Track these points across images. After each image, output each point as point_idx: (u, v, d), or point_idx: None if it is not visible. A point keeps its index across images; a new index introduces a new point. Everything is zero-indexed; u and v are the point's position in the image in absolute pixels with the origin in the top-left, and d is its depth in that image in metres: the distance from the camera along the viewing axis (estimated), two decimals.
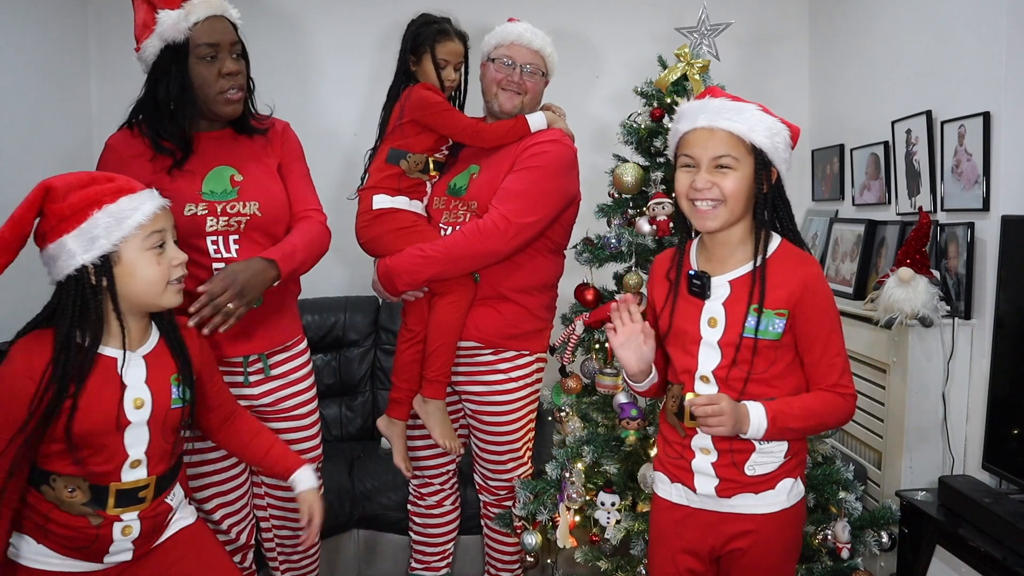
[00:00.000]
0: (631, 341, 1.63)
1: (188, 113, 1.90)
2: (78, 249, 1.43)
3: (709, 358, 1.59)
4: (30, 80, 3.04)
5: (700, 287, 1.60)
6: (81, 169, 3.44)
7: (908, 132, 2.74)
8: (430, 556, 2.54)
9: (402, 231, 2.22)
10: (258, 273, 1.80)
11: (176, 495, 1.65)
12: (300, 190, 2.06)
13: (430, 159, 2.29)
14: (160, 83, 1.89)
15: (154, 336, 1.57)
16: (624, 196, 2.28)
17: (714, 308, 1.59)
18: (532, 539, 2.29)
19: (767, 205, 1.58)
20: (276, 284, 1.88)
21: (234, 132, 2.01)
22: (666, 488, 1.70)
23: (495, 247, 2.16)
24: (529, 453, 2.43)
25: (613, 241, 2.25)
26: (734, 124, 1.54)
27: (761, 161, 1.56)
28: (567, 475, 2.21)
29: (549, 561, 2.47)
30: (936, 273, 2.39)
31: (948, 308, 2.37)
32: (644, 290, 2.20)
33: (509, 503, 2.40)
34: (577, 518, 2.24)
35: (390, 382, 3.38)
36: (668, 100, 2.22)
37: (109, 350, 1.48)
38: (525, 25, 2.27)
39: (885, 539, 2.12)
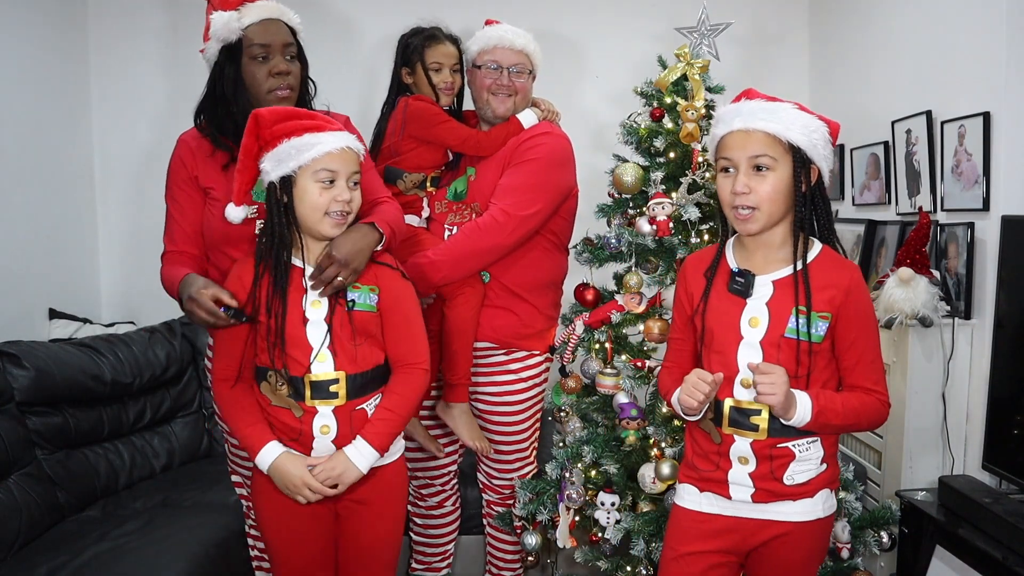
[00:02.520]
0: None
1: (242, 110, 1.94)
2: (269, 168, 1.71)
3: (750, 359, 1.57)
4: (30, 83, 3.04)
5: (743, 285, 1.59)
6: (82, 172, 3.46)
7: (908, 132, 2.74)
8: (431, 556, 2.54)
9: (403, 243, 2.22)
10: (358, 241, 1.81)
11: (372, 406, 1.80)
12: (368, 181, 2.01)
13: (427, 177, 2.29)
14: (218, 81, 1.99)
15: None
16: (624, 196, 2.28)
17: (756, 308, 1.58)
18: (532, 539, 2.29)
19: (807, 204, 1.58)
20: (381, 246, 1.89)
21: None
22: (694, 499, 1.67)
23: (497, 242, 2.16)
24: (534, 451, 2.44)
25: (613, 241, 2.25)
26: (769, 124, 1.53)
27: (799, 160, 1.55)
28: (567, 475, 2.21)
29: (549, 561, 2.47)
30: (936, 273, 2.39)
31: (948, 308, 2.37)
32: (644, 290, 2.20)
33: (512, 502, 2.41)
34: (577, 518, 2.24)
35: None
36: (668, 100, 2.22)
37: (297, 261, 1.77)
38: (505, 26, 2.27)
39: (885, 539, 2.12)
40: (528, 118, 2.27)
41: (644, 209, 2.20)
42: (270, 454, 1.74)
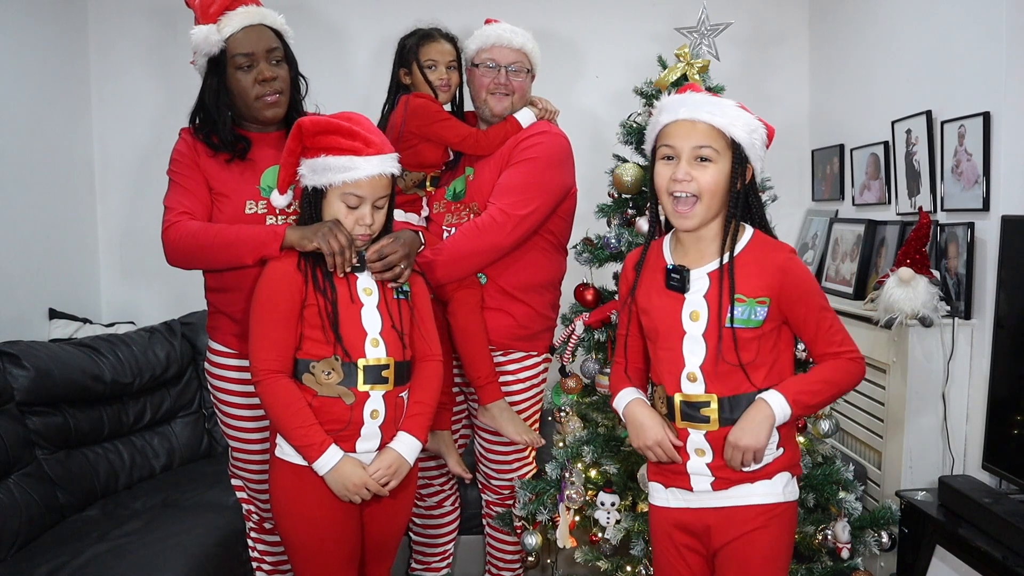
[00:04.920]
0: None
1: (231, 119, 2.00)
2: (306, 172, 1.79)
3: (694, 353, 1.59)
4: (31, 84, 3.04)
5: (680, 281, 1.61)
6: (82, 172, 3.46)
7: (908, 132, 2.74)
8: (430, 556, 2.55)
9: None
10: (412, 238, 1.93)
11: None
12: None
13: (427, 176, 2.29)
14: (206, 93, 2.01)
15: None
16: (624, 196, 2.28)
17: (695, 301, 1.60)
18: (532, 539, 2.28)
19: (741, 201, 1.60)
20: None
21: (286, 134, 2.01)
22: (661, 496, 1.70)
23: (496, 241, 2.16)
24: (534, 452, 2.44)
25: (613, 241, 2.25)
26: (715, 117, 1.56)
27: (739, 156, 1.58)
28: (567, 475, 2.21)
29: (549, 561, 2.47)
30: (936, 273, 2.39)
31: (948, 308, 2.37)
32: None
33: (511, 502, 2.41)
34: (577, 518, 2.24)
35: None
36: None
37: None
38: (504, 25, 2.27)
39: (885, 539, 2.13)
40: (526, 117, 2.27)
41: (644, 209, 2.20)
42: (332, 458, 1.74)
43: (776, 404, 1.55)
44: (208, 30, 1.94)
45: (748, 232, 1.63)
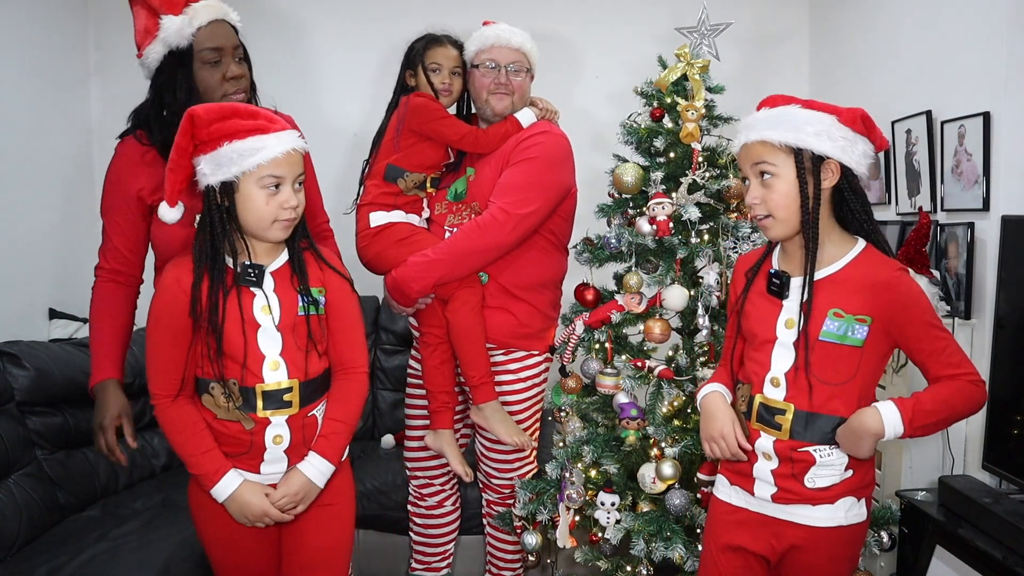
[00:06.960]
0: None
1: None
2: (207, 171, 1.60)
3: (782, 359, 1.58)
4: (30, 81, 3.04)
5: (779, 287, 1.60)
6: (82, 172, 3.45)
7: (908, 132, 2.74)
8: (430, 556, 2.54)
9: (402, 242, 2.23)
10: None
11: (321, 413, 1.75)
12: (311, 196, 1.96)
13: (428, 177, 2.29)
14: (166, 88, 1.90)
15: (283, 256, 1.71)
16: (624, 196, 2.29)
17: (792, 309, 1.58)
18: (532, 539, 2.29)
19: (816, 204, 1.54)
20: None
21: None
22: (725, 490, 1.70)
23: (497, 240, 2.17)
24: (535, 451, 2.44)
25: (613, 241, 2.25)
26: (764, 132, 1.55)
27: (801, 161, 1.53)
28: (567, 475, 2.21)
29: (549, 561, 2.47)
30: (936, 273, 2.39)
31: (948, 308, 2.37)
32: (644, 290, 2.20)
33: (512, 502, 2.41)
34: (577, 518, 2.24)
35: (391, 382, 3.34)
36: (668, 100, 2.22)
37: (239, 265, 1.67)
38: (503, 26, 2.28)
39: (885, 539, 2.12)
40: (526, 117, 2.28)
41: (644, 209, 2.21)
42: (229, 485, 1.66)
43: (889, 420, 1.49)
44: (181, 21, 1.85)
45: (859, 245, 1.58)
